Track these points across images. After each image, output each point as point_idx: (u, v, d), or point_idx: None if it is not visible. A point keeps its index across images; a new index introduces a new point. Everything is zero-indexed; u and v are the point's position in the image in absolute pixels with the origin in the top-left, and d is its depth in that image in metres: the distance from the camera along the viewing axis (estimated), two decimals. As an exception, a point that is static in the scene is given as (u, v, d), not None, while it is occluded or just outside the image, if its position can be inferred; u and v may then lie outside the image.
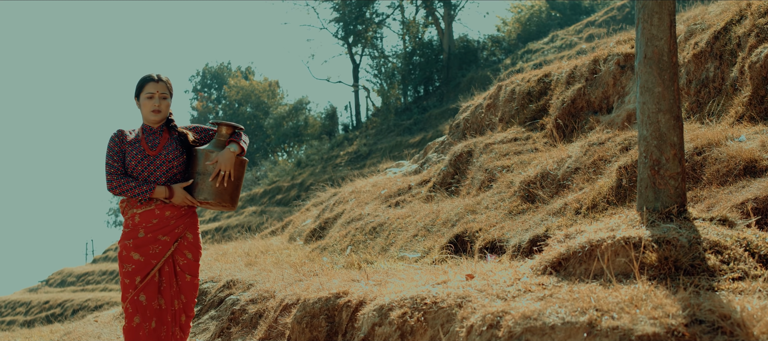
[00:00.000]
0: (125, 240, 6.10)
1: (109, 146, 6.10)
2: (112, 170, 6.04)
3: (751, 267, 4.52)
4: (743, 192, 6.00)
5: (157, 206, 6.13)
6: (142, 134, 6.20)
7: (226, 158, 6.12)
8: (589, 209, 7.54)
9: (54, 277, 46.94)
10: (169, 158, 6.15)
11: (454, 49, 45.15)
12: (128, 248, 6.07)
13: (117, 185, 6.01)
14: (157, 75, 6.19)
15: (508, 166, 10.24)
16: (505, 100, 12.45)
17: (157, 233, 6.11)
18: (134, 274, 6.04)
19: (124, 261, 6.07)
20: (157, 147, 6.16)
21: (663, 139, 5.16)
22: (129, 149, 6.12)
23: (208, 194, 6.12)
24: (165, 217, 6.15)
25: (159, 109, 6.16)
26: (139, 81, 6.20)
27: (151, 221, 6.11)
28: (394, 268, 8.03)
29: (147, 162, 6.09)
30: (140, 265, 6.05)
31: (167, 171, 6.15)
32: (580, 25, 39.44)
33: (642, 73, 5.26)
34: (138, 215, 6.11)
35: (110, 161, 6.06)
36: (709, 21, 8.98)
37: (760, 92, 7.52)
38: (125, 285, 6.05)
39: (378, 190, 13.63)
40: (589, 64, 10.79)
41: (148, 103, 6.15)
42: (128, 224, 6.13)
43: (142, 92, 6.17)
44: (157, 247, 6.12)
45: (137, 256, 6.06)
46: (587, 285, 4.51)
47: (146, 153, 6.11)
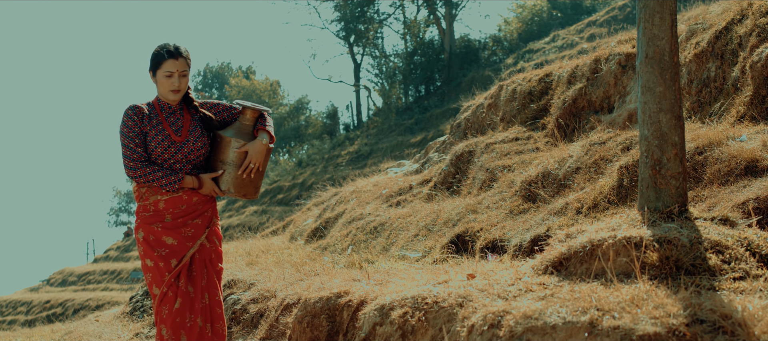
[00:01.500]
0: (151, 224, 5.64)
1: (128, 126, 5.55)
2: (135, 156, 5.53)
3: (752, 266, 4.52)
4: (744, 192, 6.00)
5: (185, 192, 5.68)
6: (160, 113, 5.68)
7: (257, 151, 5.73)
8: (591, 209, 7.54)
9: (55, 277, 46.96)
10: (197, 147, 5.70)
11: (455, 49, 45.18)
12: (157, 232, 5.62)
13: (142, 174, 5.53)
14: (174, 47, 5.63)
15: (509, 165, 10.24)
16: (506, 99, 12.44)
17: (186, 218, 5.69)
18: (170, 257, 5.59)
19: (155, 246, 5.60)
20: (181, 131, 5.67)
21: (664, 138, 5.16)
22: (151, 131, 5.60)
23: (232, 186, 5.74)
24: (193, 203, 5.72)
25: (179, 88, 5.65)
26: (156, 55, 5.63)
27: (178, 207, 5.67)
28: (395, 268, 8.03)
29: (174, 149, 5.61)
30: (175, 248, 5.61)
31: (194, 160, 5.72)
32: (581, 24, 39.46)
33: (643, 72, 5.26)
34: (163, 201, 5.65)
35: (130, 144, 5.54)
36: (710, 21, 8.98)
37: (761, 92, 7.52)
38: (159, 269, 5.56)
39: (379, 189, 13.63)
40: (591, 63, 10.79)
41: (166, 81, 5.61)
42: (149, 209, 5.67)
43: (159, 69, 5.62)
44: (190, 230, 5.69)
45: (171, 240, 5.62)
46: (588, 285, 4.51)
47: (172, 139, 5.61)
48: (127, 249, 47.43)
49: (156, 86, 5.73)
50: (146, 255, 5.63)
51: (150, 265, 5.61)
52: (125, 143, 5.55)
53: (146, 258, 5.63)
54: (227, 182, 5.75)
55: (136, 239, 5.82)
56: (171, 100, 5.70)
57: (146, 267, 5.65)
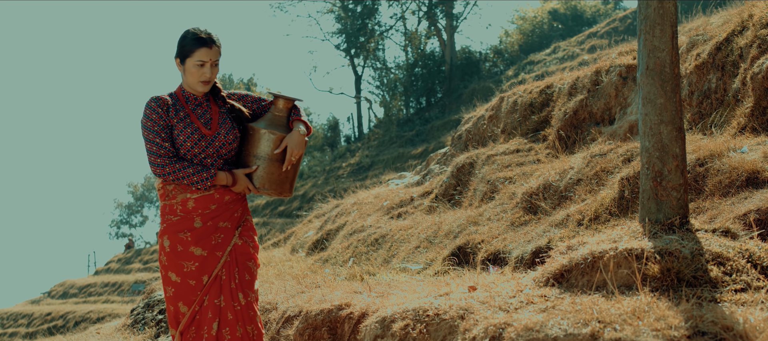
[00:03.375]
0: (179, 232, 5.16)
1: (152, 119, 5.09)
2: (162, 152, 5.07)
3: (754, 278, 4.52)
4: (746, 203, 6.00)
5: (216, 190, 5.22)
6: (186, 105, 5.25)
7: (297, 143, 5.28)
8: (592, 221, 7.54)
9: (56, 289, 46.97)
10: (228, 140, 5.25)
11: (456, 61, 45.21)
12: (185, 242, 5.14)
13: (171, 171, 5.07)
14: (207, 34, 5.16)
15: (510, 177, 10.24)
16: (507, 111, 12.45)
17: (216, 220, 5.22)
18: (200, 272, 5.13)
19: (183, 258, 5.13)
20: (211, 125, 5.23)
21: (665, 150, 5.16)
22: (178, 124, 5.14)
23: (267, 182, 5.28)
24: (224, 202, 5.26)
25: (210, 79, 5.21)
26: (187, 41, 5.16)
27: (208, 207, 5.20)
28: (396, 280, 8.03)
29: (204, 143, 5.16)
30: (204, 261, 5.14)
31: (226, 154, 5.27)
32: (582, 36, 39.48)
33: (644, 84, 5.27)
34: (192, 200, 5.17)
35: (156, 139, 5.09)
36: (710, 32, 8.99)
37: (762, 103, 7.52)
38: (189, 288, 5.12)
39: (380, 201, 13.63)
40: (591, 75, 10.80)
41: (197, 71, 5.15)
42: (176, 211, 5.20)
43: (190, 58, 5.15)
44: (219, 236, 5.23)
45: (200, 251, 5.14)
46: (590, 297, 4.51)
47: (202, 133, 5.16)
48: (129, 261, 47.44)
49: (182, 74, 5.27)
50: (171, 268, 5.16)
51: (176, 280, 5.15)
52: (150, 137, 5.10)
53: (171, 271, 5.16)
54: (262, 178, 5.29)
55: (160, 245, 5.25)
56: (199, 91, 5.27)
57: (169, 280, 5.18)
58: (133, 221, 72.47)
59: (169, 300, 5.22)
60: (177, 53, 5.23)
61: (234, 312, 5.19)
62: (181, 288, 5.15)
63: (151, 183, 72.22)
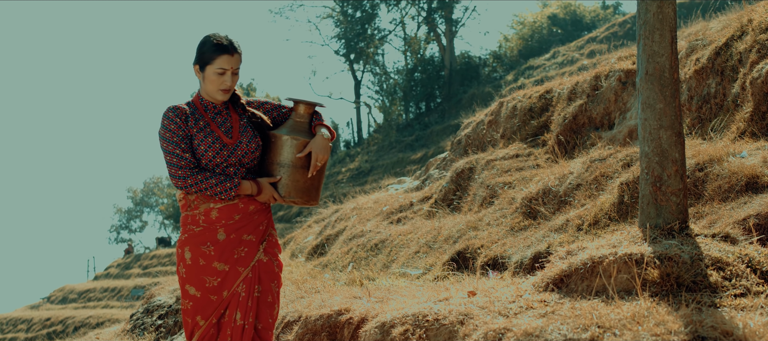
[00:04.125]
0: (201, 246, 4.94)
1: (171, 130, 4.88)
2: (183, 163, 4.86)
3: (754, 283, 4.52)
4: (745, 208, 6.00)
5: (241, 200, 5.00)
6: (205, 113, 5.03)
7: (321, 147, 5.07)
8: (591, 226, 7.54)
9: (56, 294, 46.98)
10: (251, 148, 5.03)
11: (455, 66, 45.23)
12: (208, 256, 4.92)
13: (193, 182, 4.86)
14: (228, 41, 4.95)
15: (509, 182, 10.24)
16: (506, 116, 12.45)
17: (241, 232, 5.00)
18: (221, 288, 4.93)
19: (205, 273, 4.92)
20: (232, 133, 5.02)
21: (664, 155, 5.16)
22: (198, 133, 4.93)
23: (294, 190, 5.07)
24: (249, 212, 5.04)
25: (230, 87, 5.00)
26: (207, 48, 4.94)
27: (232, 218, 4.98)
28: (395, 285, 8.03)
29: (226, 153, 4.94)
30: (226, 276, 4.94)
31: (248, 163, 5.05)
32: (581, 41, 39.53)
33: (643, 89, 5.27)
34: (216, 210, 4.95)
35: (176, 150, 4.86)
36: (710, 37, 8.99)
37: (761, 108, 7.52)
38: (209, 303, 4.93)
39: (380, 206, 13.63)
40: (591, 80, 10.80)
41: (216, 79, 4.94)
42: (198, 221, 4.97)
43: (210, 65, 4.93)
44: (243, 249, 5.01)
45: (222, 266, 4.93)
46: (589, 302, 4.51)
47: (224, 142, 4.95)
48: (128, 267, 47.42)
49: (201, 82, 5.06)
50: (191, 281, 4.95)
51: (195, 294, 4.94)
52: (170, 149, 4.88)
53: (191, 284, 4.95)
54: (287, 186, 5.07)
55: (179, 255, 5.04)
56: (218, 100, 5.04)
57: (187, 293, 4.97)
58: (133, 226, 72.49)
59: (186, 313, 5.01)
60: (196, 60, 5.01)
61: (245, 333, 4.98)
62: (200, 302, 4.94)
63: (150, 188, 72.27)
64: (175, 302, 10.40)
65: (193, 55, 5.05)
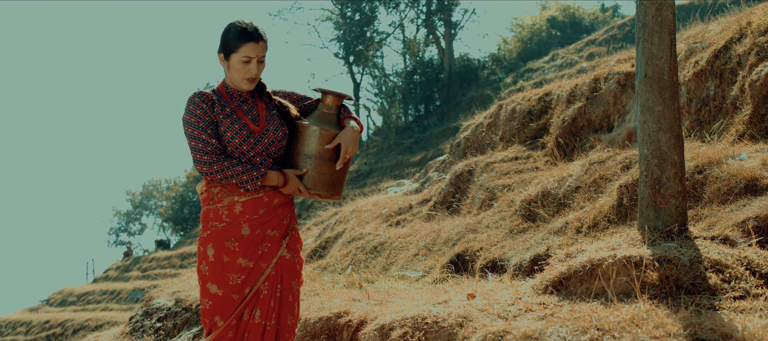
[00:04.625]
0: (225, 242, 4.77)
1: (196, 115, 4.75)
2: (209, 149, 4.71)
3: (753, 285, 4.52)
4: (744, 211, 6.00)
5: (265, 192, 4.85)
6: (231, 101, 4.89)
7: (351, 140, 4.95)
8: (590, 228, 7.54)
9: (54, 297, 46.94)
10: (278, 137, 4.89)
11: (454, 68, 45.26)
12: (233, 253, 4.76)
13: (219, 168, 4.69)
14: (254, 28, 4.78)
15: (508, 185, 10.24)
16: (505, 119, 12.45)
17: (265, 227, 4.84)
18: (244, 286, 4.77)
19: (229, 270, 4.75)
20: (259, 121, 4.88)
21: (664, 158, 5.16)
22: (224, 120, 4.79)
23: (320, 183, 4.92)
24: (273, 206, 4.88)
25: (255, 76, 4.85)
26: (232, 36, 4.79)
27: (257, 212, 4.82)
28: (395, 287, 8.03)
29: (253, 140, 4.80)
30: (250, 273, 4.78)
31: (275, 153, 4.91)
32: (580, 43, 39.53)
33: (642, 92, 5.27)
34: (240, 203, 4.79)
35: (202, 135, 4.72)
36: (709, 39, 9.00)
37: (760, 111, 7.52)
38: (230, 302, 4.76)
39: (379, 209, 13.63)
40: (590, 82, 10.80)
41: (242, 68, 4.79)
42: (221, 217, 4.81)
43: (235, 53, 4.78)
44: (266, 245, 4.85)
45: (246, 262, 4.77)
46: (588, 305, 4.51)
47: (250, 129, 4.81)
48: (127, 269, 47.42)
49: (226, 70, 4.91)
50: (213, 280, 4.78)
51: (216, 293, 4.77)
52: (195, 134, 4.73)
53: (212, 282, 4.78)
54: (313, 179, 4.90)
55: (201, 253, 4.86)
56: (244, 89, 4.89)
57: (207, 292, 4.80)
58: (132, 229, 72.45)
59: (204, 313, 4.84)
60: (220, 48, 4.86)
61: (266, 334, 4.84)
62: (221, 301, 4.77)
63: (149, 191, 72.20)
64: (174, 305, 10.40)
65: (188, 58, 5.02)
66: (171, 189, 67.45)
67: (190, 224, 59.05)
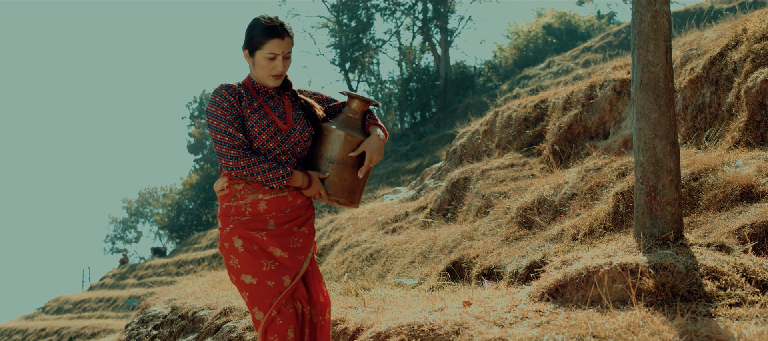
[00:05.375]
0: (251, 231, 4.64)
1: (223, 108, 4.63)
2: (236, 143, 4.58)
3: (749, 292, 4.52)
4: (740, 218, 6.00)
5: (289, 192, 4.73)
6: (257, 96, 4.77)
7: (376, 148, 4.82)
8: (586, 235, 7.54)
9: (50, 304, 46.86)
10: (304, 137, 4.79)
11: (450, 75, 45.27)
12: (263, 242, 4.62)
13: (246, 164, 4.57)
14: (279, 23, 4.67)
15: (505, 192, 10.25)
16: (501, 126, 12.46)
17: (292, 224, 4.74)
18: (280, 273, 4.60)
19: (261, 256, 4.60)
20: (285, 119, 4.76)
21: (659, 165, 5.16)
22: (251, 115, 4.67)
23: (341, 189, 4.81)
24: (297, 206, 4.77)
25: (282, 72, 4.73)
26: (257, 31, 4.67)
27: (282, 210, 4.71)
28: (391, 295, 8.02)
29: (280, 138, 4.69)
30: (286, 262, 4.64)
31: (300, 153, 4.80)
32: (576, 50, 39.56)
33: (638, 99, 5.27)
34: (264, 202, 4.67)
35: (229, 129, 4.60)
36: (704, 46, 9.01)
37: (756, 117, 7.53)
38: (266, 289, 4.57)
39: (375, 216, 13.63)
40: (586, 89, 10.81)
41: (267, 65, 4.68)
42: (244, 212, 4.69)
43: (260, 50, 4.66)
44: (298, 240, 4.75)
45: (280, 252, 4.63)
46: (584, 312, 4.51)
47: (278, 127, 4.70)
48: (123, 277, 47.36)
49: (250, 67, 4.79)
50: (247, 269, 4.62)
51: (251, 282, 4.61)
52: (222, 127, 4.60)
53: (246, 272, 4.62)
54: (334, 184, 4.79)
55: (228, 248, 4.70)
56: (269, 85, 4.78)
57: (243, 284, 4.64)
58: (128, 236, 72.39)
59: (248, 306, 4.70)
60: (245, 44, 4.75)
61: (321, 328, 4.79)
62: (257, 290, 4.60)
63: (145, 198, 72.17)
64: (170, 312, 10.39)
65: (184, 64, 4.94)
66: (167, 197, 67.42)
67: (186, 231, 59.00)
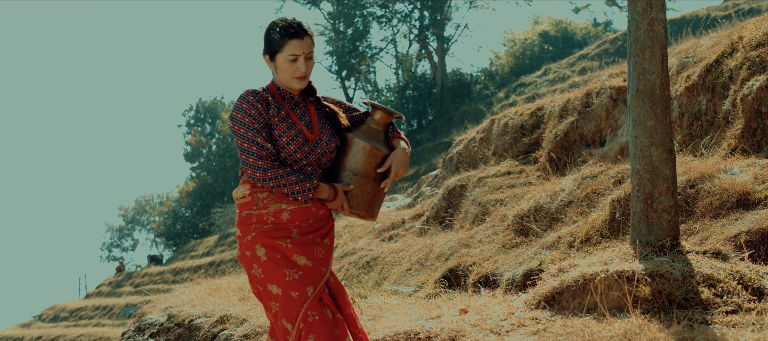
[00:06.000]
0: (275, 239, 4.46)
1: (251, 115, 4.46)
2: (264, 153, 4.42)
3: (745, 300, 4.52)
4: (736, 225, 6.01)
5: (313, 203, 4.57)
6: (284, 103, 4.60)
7: (402, 162, 4.69)
8: (583, 243, 7.54)
9: (47, 312, 46.81)
10: (330, 148, 4.63)
11: (447, 83, 45.28)
12: (287, 250, 4.45)
13: (273, 176, 4.41)
14: (297, 24, 4.53)
15: (501, 199, 10.25)
16: (498, 133, 12.47)
17: (315, 235, 4.58)
18: (304, 283, 4.40)
19: (284, 265, 4.41)
20: (312, 128, 4.61)
21: (655, 172, 5.17)
22: (279, 124, 4.51)
23: (362, 202, 4.66)
24: (319, 217, 4.61)
25: (305, 73, 4.56)
26: (275, 35, 4.53)
27: (305, 221, 4.56)
28: (387, 302, 8.01)
29: (307, 149, 4.54)
30: (309, 271, 4.46)
31: (325, 164, 4.65)
32: (572, 58, 39.58)
33: (634, 106, 5.28)
34: (287, 212, 4.50)
35: (257, 138, 4.43)
36: (700, 54, 9.02)
37: (752, 125, 7.54)
38: (291, 301, 4.39)
39: (371, 224, 13.63)
40: (582, 97, 10.82)
41: (289, 67, 4.52)
42: (266, 221, 4.52)
43: (280, 53, 4.51)
44: (321, 251, 4.57)
45: (304, 261, 4.45)
46: (581, 319, 4.51)
47: (306, 136, 4.54)
48: (120, 285, 47.31)
49: (273, 72, 4.63)
50: (271, 279, 4.45)
51: (277, 293, 4.44)
52: (249, 136, 4.44)
53: (272, 282, 4.45)
54: (357, 197, 4.64)
55: (250, 256, 4.52)
56: (295, 88, 4.60)
57: (270, 294, 4.48)
58: (124, 244, 72.34)
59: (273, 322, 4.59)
60: (265, 50, 4.62)
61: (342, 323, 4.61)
62: (283, 301, 4.43)
63: (142, 206, 72.14)
64: (167, 320, 10.37)
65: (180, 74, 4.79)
66: (163, 204, 67.35)
67: (182, 239, 58.94)
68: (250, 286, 4.61)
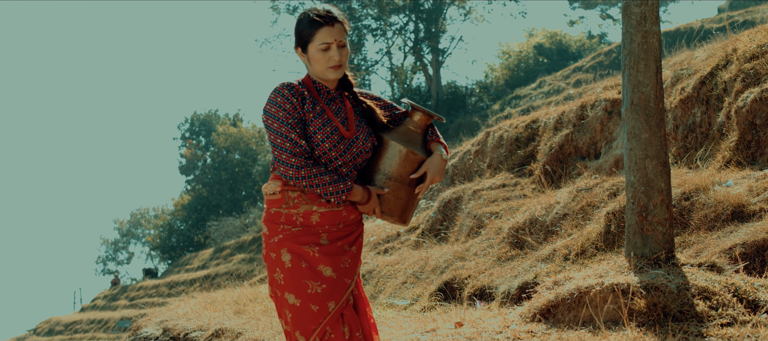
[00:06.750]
0: (303, 246, 4.17)
1: (286, 110, 4.18)
2: (298, 150, 4.15)
3: (740, 312, 4.52)
4: (731, 237, 6.01)
5: (344, 206, 4.30)
6: (319, 98, 4.32)
7: (438, 169, 4.39)
8: (578, 256, 7.54)
9: (42, 326, 46.74)
10: (366, 148, 4.36)
11: (442, 95, 45.31)
12: (313, 259, 4.16)
13: (306, 175, 4.14)
14: (326, 11, 4.25)
15: (496, 212, 10.25)
16: (493, 146, 12.47)
17: (344, 241, 4.30)
18: (326, 297, 4.13)
19: (308, 277, 4.13)
20: (348, 125, 4.33)
21: (650, 185, 5.17)
22: (314, 120, 4.23)
23: (395, 207, 4.40)
24: (349, 221, 4.33)
25: (340, 63, 4.27)
26: (304, 25, 4.27)
27: (335, 225, 4.28)
28: (383, 316, 8.01)
29: (343, 147, 4.27)
30: (333, 284, 4.17)
31: (361, 164, 4.38)
32: (567, 70, 39.62)
33: (629, 119, 5.28)
34: (318, 214, 4.23)
35: (291, 134, 4.16)
36: (695, 66, 9.03)
37: (746, 137, 7.55)
38: (310, 315, 4.12)
39: (367, 237, 13.61)
40: (577, 110, 10.83)
41: (322, 57, 4.25)
42: (295, 222, 4.24)
43: (311, 43, 4.25)
44: (347, 260, 4.27)
45: (330, 272, 4.16)
46: (576, 332, 4.50)
47: (341, 134, 4.26)
48: (115, 298, 47.25)
49: (307, 65, 4.37)
50: (290, 288, 4.17)
51: (294, 304, 4.16)
52: (283, 132, 4.17)
53: (290, 291, 4.17)
54: (390, 202, 4.38)
55: (274, 259, 4.25)
56: (330, 78, 4.32)
57: (286, 303, 4.20)
58: (120, 257, 72.26)
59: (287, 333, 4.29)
60: (296, 42, 4.35)
61: None
62: (300, 313, 4.15)
63: (137, 219, 72.08)
64: (162, 334, 10.36)
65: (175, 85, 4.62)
66: (159, 218, 67.31)
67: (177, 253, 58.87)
68: (269, 288, 4.33)
